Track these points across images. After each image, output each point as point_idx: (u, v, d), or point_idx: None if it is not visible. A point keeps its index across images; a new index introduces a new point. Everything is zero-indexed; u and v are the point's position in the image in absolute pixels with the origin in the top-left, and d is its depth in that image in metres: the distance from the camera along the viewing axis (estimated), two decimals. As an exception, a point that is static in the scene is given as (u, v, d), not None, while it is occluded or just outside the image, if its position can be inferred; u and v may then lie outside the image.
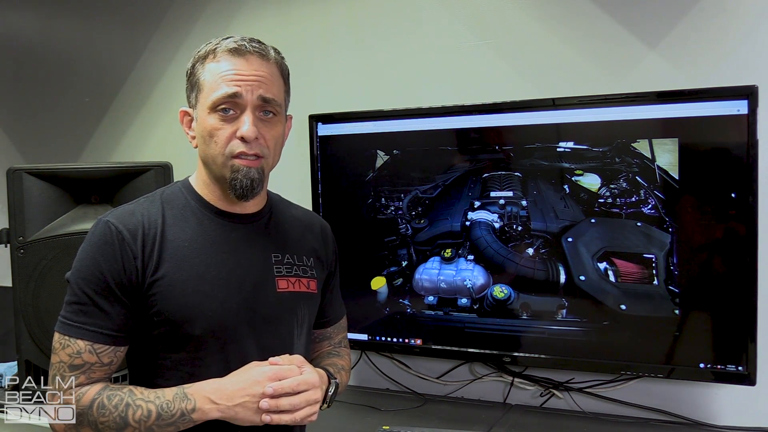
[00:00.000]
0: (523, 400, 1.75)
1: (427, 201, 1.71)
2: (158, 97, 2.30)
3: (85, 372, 1.04)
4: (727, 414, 1.54)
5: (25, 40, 2.60)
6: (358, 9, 1.95)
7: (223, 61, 1.06)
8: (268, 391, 1.02)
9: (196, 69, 1.09)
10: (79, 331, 1.03)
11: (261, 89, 1.06)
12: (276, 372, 1.03)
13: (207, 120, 1.06)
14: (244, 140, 1.05)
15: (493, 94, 1.70)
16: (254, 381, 1.02)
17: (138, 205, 1.11)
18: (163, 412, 1.00)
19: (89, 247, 1.06)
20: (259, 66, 1.07)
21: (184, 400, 1.01)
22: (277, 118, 1.10)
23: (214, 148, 1.06)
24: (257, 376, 1.02)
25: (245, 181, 1.06)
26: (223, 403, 1.01)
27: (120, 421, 1.00)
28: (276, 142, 1.10)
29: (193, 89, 1.10)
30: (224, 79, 1.05)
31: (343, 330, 1.37)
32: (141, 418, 1.00)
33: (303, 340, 1.18)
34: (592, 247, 1.53)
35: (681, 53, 1.58)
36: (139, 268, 1.04)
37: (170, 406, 1.00)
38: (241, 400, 1.01)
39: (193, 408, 1.01)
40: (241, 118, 1.05)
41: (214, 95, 1.05)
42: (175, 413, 1.00)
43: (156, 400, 1.01)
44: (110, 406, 1.01)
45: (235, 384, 1.02)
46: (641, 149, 1.48)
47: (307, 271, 1.20)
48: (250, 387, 1.01)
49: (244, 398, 1.01)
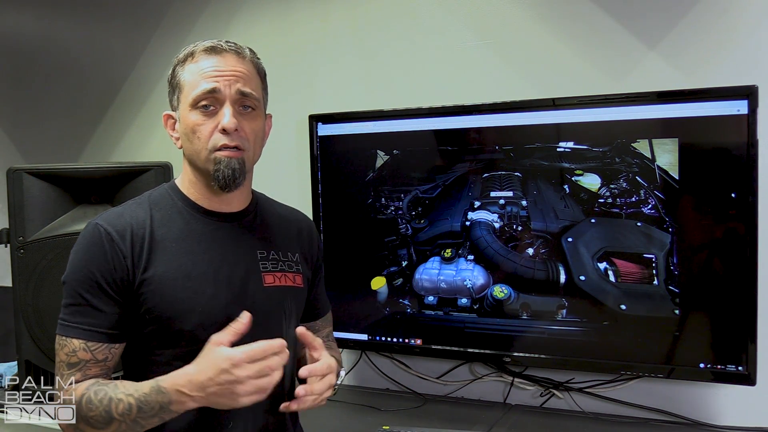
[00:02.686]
0: (523, 400, 1.75)
1: (427, 201, 1.71)
2: (158, 98, 2.30)
3: (81, 369, 1.07)
4: (727, 414, 1.54)
5: (25, 40, 2.60)
6: (358, 9, 1.95)
7: (201, 60, 1.10)
8: (303, 374, 1.08)
9: (176, 72, 1.14)
10: (74, 330, 1.07)
11: (239, 83, 1.10)
12: (245, 353, 0.99)
13: (189, 117, 1.10)
14: (225, 132, 1.08)
15: (493, 94, 1.70)
16: (220, 369, 0.98)
17: (126, 207, 1.15)
18: (143, 406, 1.01)
19: (80, 250, 1.10)
20: (236, 63, 1.11)
21: (159, 393, 1.01)
22: (257, 113, 1.14)
23: (197, 143, 1.10)
24: (222, 363, 0.98)
25: (227, 171, 1.09)
26: (196, 394, 1.00)
27: (106, 415, 1.02)
28: (256, 136, 1.14)
29: (174, 91, 1.15)
30: (203, 76, 1.09)
31: (330, 324, 1.40)
32: (124, 412, 1.01)
33: (291, 333, 1.20)
34: (592, 247, 1.53)
35: (681, 53, 1.58)
36: (129, 268, 1.07)
37: (148, 399, 1.01)
38: (213, 389, 0.99)
39: (169, 401, 1.01)
40: (221, 111, 1.09)
41: (194, 92, 1.09)
42: (155, 406, 1.01)
43: (135, 393, 1.02)
44: (96, 401, 1.03)
45: (203, 373, 0.99)
46: (641, 149, 1.48)
47: (292, 266, 1.22)
48: (217, 376, 0.98)
49: (216, 387, 0.98)
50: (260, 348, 0.99)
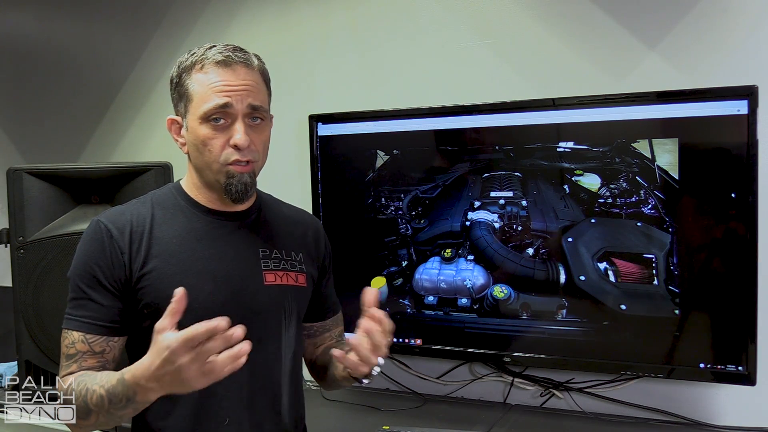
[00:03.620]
0: (523, 400, 1.75)
1: (427, 201, 1.71)
2: (158, 98, 2.30)
3: (77, 361, 1.08)
4: (727, 414, 1.54)
5: (25, 40, 2.60)
6: (358, 9, 1.95)
7: (212, 73, 1.10)
8: (336, 355, 1.08)
9: (183, 79, 1.13)
10: (74, 323, 1.10)
11: (250, 98, 1.10)
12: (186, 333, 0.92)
13: (199, 130, 1.10)
14: (237, 148, 1.10)
15: (493, 94, 1.70)
16: (163, 359, 0.93)
17: (129, 206, 1.17)
18: (112, 398, 1.00)
19: (82, 245, 1.13)
20: (246, 75, 1.11)
21: (123, 386, 0.99)
22: (265, 123, 1.15)
23: (209, 156, 1.11)
24: (163, 353, 0.93)
25: (239, 186, 1.11)
26: (153, 384, 0.96)
27: (84, 406, 1.02)
28: (264, 146, 1.16)
29: (181, 99, 1.14)
30: (214, 91, 1.09)
31: (340, 324, 1.40)
32: (97, 403, 1.01)
33: (292, 332, 1.20)
34: (592, 247, 1.53)
35: (681, 53, 1.58)
36: (126, 263, 1.10)
37: (116, 391, 1.00)
38: (165, 378, 0.95)
39: (134, 392, 0.98)
40: (234, 126, 1.10)
41: (206, 106, 1.09)
42: (122, 398, 0.99)
43: (106, 384, 1.01)
44: (77, 391, 1.03)
45: (153, 364, 0.95)
46: (641, 149, 1.48)
47: (295, 265, 1.22)
48: (162, 366, 0.94)
49: (165, 376, 0.94)
50: (195, 332, 0.91)
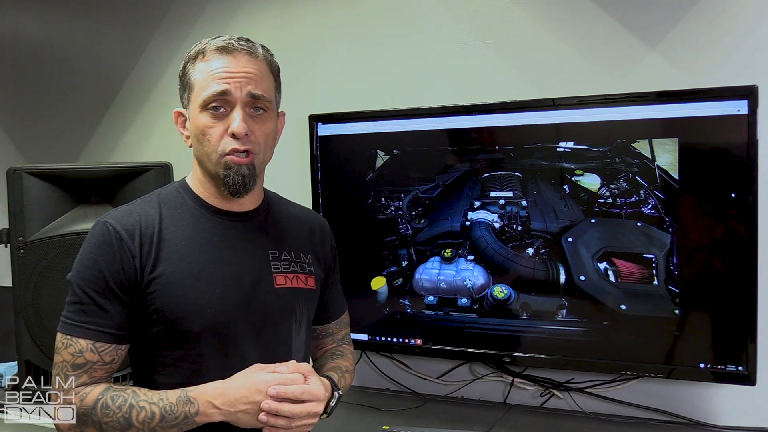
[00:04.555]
0: (523, 400, 1.75)
1: (427, 201, 1.71)
2: (158, 97, 2.30)
3: (87, 371, 1.04)
4: (727, 414, 1.54)
5: (25, 40, 2.60)
6: (358, 9, 1.95)
7: (212, 60, 1.08)
8: (271, 393, 1.02)
9: (187, 69, 1.11)
10: (80, 330, 1.04)
11: (250, 86, 1.07)
12: (280, 381, 1.04)
13: (199, 118, 1.08)
14: (235, 137, 1.06)
15: (493, 94, 1.70)
16: (257, 390, 1.02)
17: (135, 205, 1.13)
18: (166, 414, 1.01)
19: (88, 248, 1.07)
20: (248, 63, 1.08)
21: (187, 403, 1.02)
22: (268, 114, 1.11)
23: (208, 146, 1.08)
24: (260, 385, 1.03)
25: (237, 177, 1.07)
26: (225, 409, 1.02)
27: (124, 422, 1.01)
28: (267, 138, 1.11)
29: (185, 89, 1.12)
30: (213, 77, 1.07)
31: (346, 326, 1.38)
32: (145, 420, 1.01)
33: (302, 336, 1.19)
34: (592, 247, 1.53)
35: (681, 53, 1.58)
36: (137, 267, 1.05)
37: (174, 409, 1.01)
38: (243, 407, 1.02)
39: (196, 411, 1.01)
40: (232, 114, 1.07)
41: (205, 93, 1.06)
42: (179, 416, 1.01)
43: (159, 402, 1.02)
44: (114, 407, 1.01)
45: (238, 390, 1.03)
46: (641, 149, 1.48)
47: (305, 267, 1.20)
48: (252, 395, 1.02)
49: (246, 406, 1.02)
50: (293, 392, 1.03)
